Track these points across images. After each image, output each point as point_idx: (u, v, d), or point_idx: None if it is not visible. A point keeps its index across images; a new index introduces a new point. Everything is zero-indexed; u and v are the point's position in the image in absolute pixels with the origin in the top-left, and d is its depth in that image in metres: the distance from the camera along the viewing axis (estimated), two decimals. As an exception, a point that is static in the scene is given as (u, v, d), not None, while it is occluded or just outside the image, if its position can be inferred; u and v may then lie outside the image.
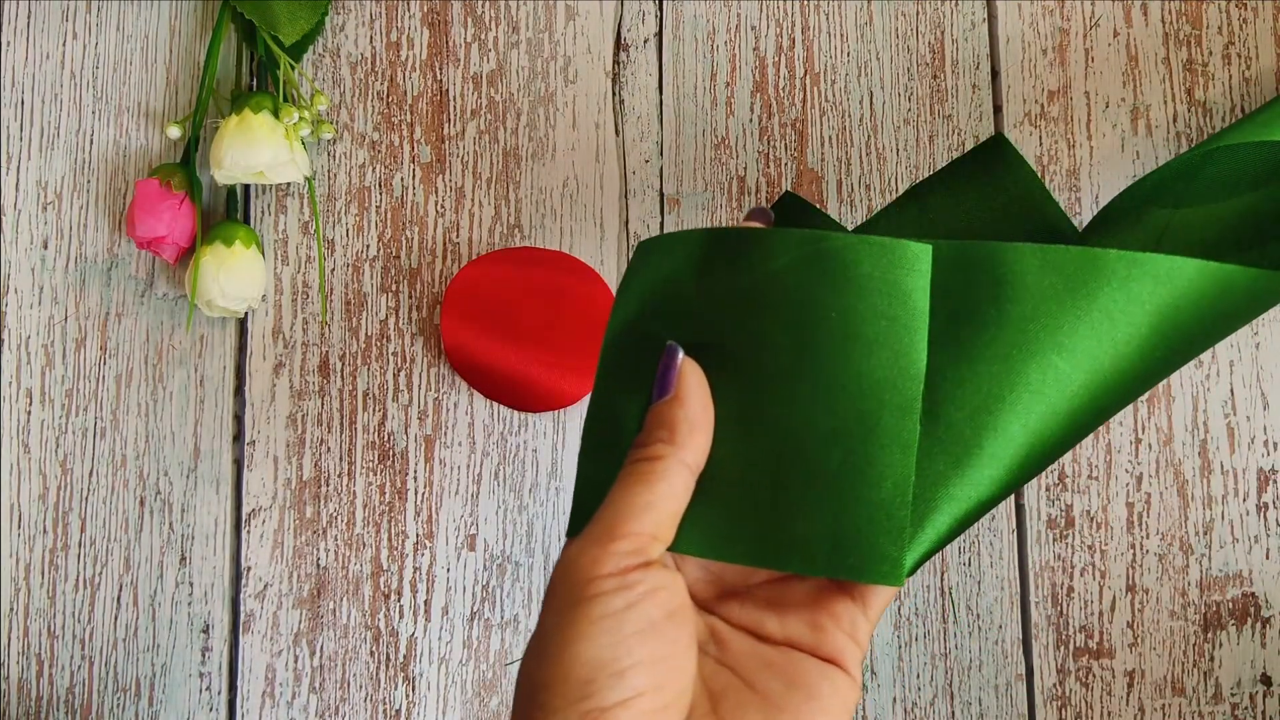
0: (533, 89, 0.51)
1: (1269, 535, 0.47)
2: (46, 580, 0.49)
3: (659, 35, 0.51)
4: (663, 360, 0.30)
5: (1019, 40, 0.50)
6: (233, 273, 0.47)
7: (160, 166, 0.49)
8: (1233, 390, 0.48)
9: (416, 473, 0.49)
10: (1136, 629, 0.47)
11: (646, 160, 0.51)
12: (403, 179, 0.51)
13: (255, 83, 0.52)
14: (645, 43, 0.51)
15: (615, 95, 0.51)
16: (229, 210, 0.50)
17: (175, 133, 0.50)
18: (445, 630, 0.48)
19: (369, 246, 0.50)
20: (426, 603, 0.48)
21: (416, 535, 0.49)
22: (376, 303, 0.50)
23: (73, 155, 0.51)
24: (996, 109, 0.50)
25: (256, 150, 0.47)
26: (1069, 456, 0.48)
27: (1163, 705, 0.47)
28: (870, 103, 0.50)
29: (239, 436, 0.50)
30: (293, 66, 0.50)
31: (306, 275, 0.50)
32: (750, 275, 0.30)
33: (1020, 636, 0.47)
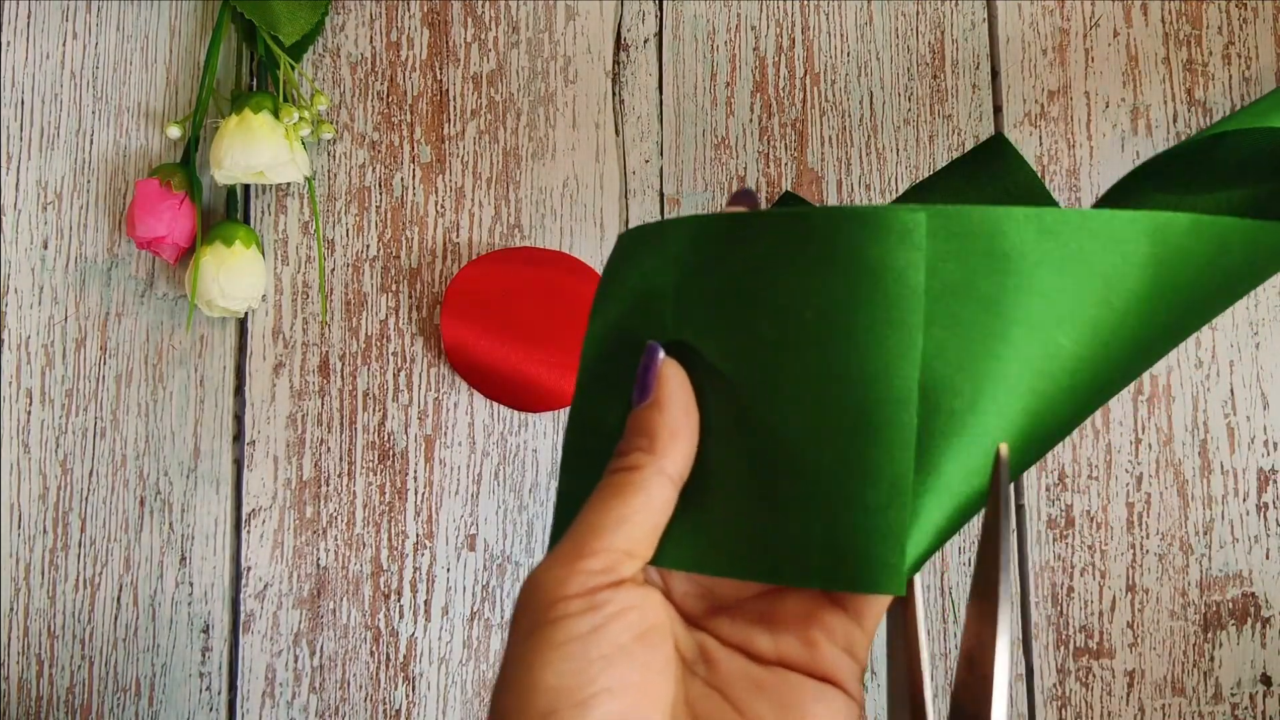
0: (533, 89, 0.51)
1: (1269, 535, 0.47)
2: (46, 580, 0.49)
3: (659, 35, 0.51)
4: (642, 360, 0.28)
5: (1019, 40, 0.50)
6: (233, 273, 0.47)
7: (160, 166, 0.49)
8: (1233, 390, 0.48)
9: (416, 473, 0.49)
10: (1136, 629, 0.47)
11: (646, 160, 0.51)
12: (403, 179, 0.51)
13: (255, 83, 0.52)
14: (645, 43, 0.51)
15: (615, 95, 0.51)
16: (229, 210, 0.50)
17: (175, 133, 0.50)
18: (445, 630, 0.48)
19: (369, 246, 0.50)
20: (426, 603, 0.48)
21: (416, 535, 0.49)
22: (376, 303, 0.50)
23: (73, 155, 0.51)
24: (996, 109, 0.50)
25: (256, 150, 0.47)
26: (1069, 457, 0.48)
27: (1163, 705, 0.47)
28: (870, 103, 0.50)
29: (239, 436, 0.50)
30: (293, 66, 0.50)
31: (306, 275, 0.50)
32: (731, 263, 0.28)
33: (1020, 636, 0.47)
